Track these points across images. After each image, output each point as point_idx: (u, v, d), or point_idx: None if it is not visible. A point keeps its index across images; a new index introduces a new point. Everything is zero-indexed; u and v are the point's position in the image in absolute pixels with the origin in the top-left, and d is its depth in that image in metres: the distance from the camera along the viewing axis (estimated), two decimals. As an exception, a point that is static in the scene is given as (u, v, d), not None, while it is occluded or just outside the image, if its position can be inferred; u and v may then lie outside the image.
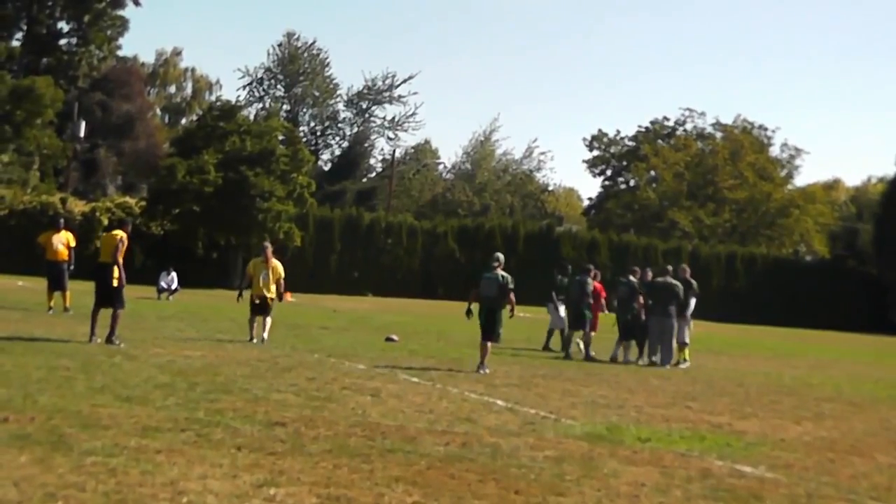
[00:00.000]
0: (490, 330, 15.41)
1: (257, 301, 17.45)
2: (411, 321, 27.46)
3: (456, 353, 17.90)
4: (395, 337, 19.84)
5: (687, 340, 19.25)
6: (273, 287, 17.57)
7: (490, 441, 8.75)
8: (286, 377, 12.20)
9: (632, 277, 19.92)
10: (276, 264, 17.75)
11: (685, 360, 19.00)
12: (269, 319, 17.37)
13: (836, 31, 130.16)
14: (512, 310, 15.67)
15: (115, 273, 15.07)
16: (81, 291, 20.37)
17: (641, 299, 19.38)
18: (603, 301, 20.91)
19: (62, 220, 23.33)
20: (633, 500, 7.00)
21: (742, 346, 23.87)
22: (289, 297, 34.59)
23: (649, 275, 20.17)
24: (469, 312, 15.96)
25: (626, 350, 19.38)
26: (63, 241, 21.53)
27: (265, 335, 17.04)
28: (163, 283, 31.05)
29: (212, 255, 43.17)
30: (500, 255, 16.10)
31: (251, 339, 17.06)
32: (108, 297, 15.03)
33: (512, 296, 15.54)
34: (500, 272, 15.52)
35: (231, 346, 15.97)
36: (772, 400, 13.87)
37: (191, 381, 11.03)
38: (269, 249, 18.06)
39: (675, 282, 19.15)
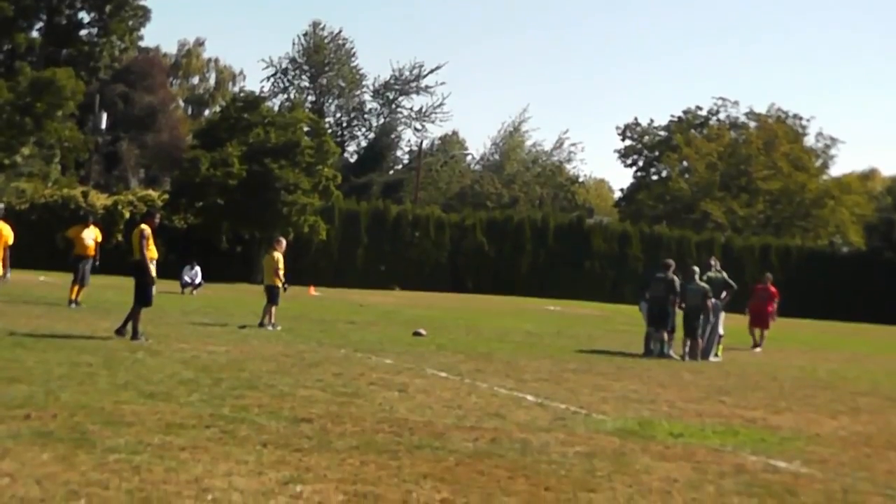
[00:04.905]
0: (692, 331, 18.38)
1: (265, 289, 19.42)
2: (439, 315, 27.35)
3: (485, 347, 17.76)
4: (423, 331, 19.68)
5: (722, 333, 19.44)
6: (274, 276, 19.22)
7: (520, 437, 8.64)
8: (312, 372, 12.12)
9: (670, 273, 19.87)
10: (276, 255, 19.54)
11: (717, 354, 18.94)
12: (272, 308, 18.87)
13: (872, 18, 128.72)
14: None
15: (146, 269, 14.93)
16: (101, 286, 20.43)
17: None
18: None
19: (91, 216, 23.49)
20: (666, 496, 6.88)
21: (776, 339, 23.58)
22: (313, 291, 34.68)
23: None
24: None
25: (669, 343, 19.11)
26: (93, 236, 21.68)
27: (266, 321, 18.66)
28: (186, 278, 31.02)
29: (236, 248, 43.15)
30: (696, 268, 19.47)
31: (259, 323, 18.67)
32: (137, 293, 14.88)
33: (709, 302, 18.76)
34: (703, 283, 18.89)
35: (256, 341, 15.93)
36: (807, 394, 13.69)
37: (215, 377, 10.96)
38: (278, 243, 20.32)
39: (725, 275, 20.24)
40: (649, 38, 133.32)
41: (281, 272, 19.35)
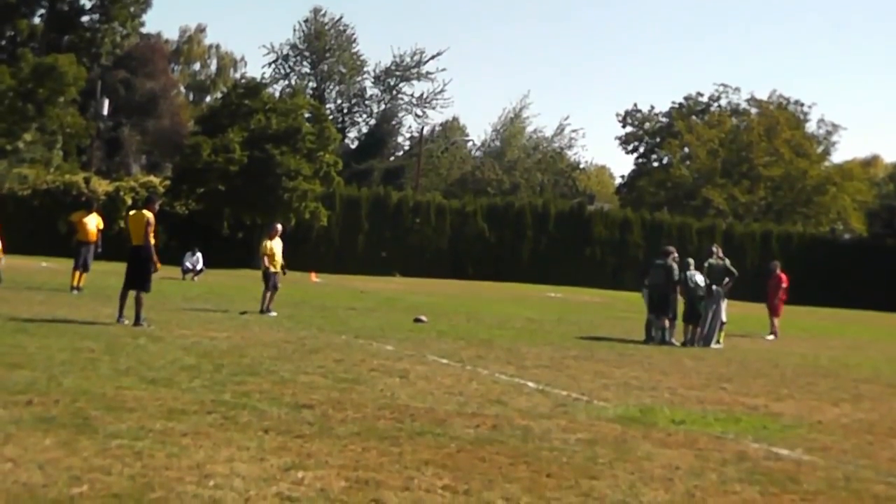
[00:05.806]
0: (694, 318, 18.75)
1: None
2: (440, 302, 27.35)
3: (486, 334, 17.75)
4: (423, 318, 19.68)
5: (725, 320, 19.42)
6: (267, 261, 19.35)
7: (521, 423, 8.63)
8: (313, 359, 12.11)
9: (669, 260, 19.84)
10: (266, 242, 19.73)
11: (719, 341, 18.93)
12: (268, 293, 18.96)
13: (874, 4, 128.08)
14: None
15: (151, 256, 14.94)
16: (102, 272, 20.42)
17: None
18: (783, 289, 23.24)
19: (94, 202, 23.64)
20: (667, 483, 6.85)
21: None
22: (314, 277, 34.68)
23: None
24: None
25: (670, 330, 19.07)
26: (96, 222, 21.77)
27: (264, 307, 18.73)
28: (187, 264, 31.03)
29: (237, 234, 43.19)
30: (690, 259, 19.56)
31: (260, 309, 18.68)
32: (137, 280, 14.93)
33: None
34: (701, 274, 19.09)
35: (257, 327, 15.93)
36: (808, 381, 13.65)
37: (217, 363, 10.96)
38: (272, 229, 20.16)
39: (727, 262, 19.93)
40: (650, 24, 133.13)
41: (268, 258, 19.34)
